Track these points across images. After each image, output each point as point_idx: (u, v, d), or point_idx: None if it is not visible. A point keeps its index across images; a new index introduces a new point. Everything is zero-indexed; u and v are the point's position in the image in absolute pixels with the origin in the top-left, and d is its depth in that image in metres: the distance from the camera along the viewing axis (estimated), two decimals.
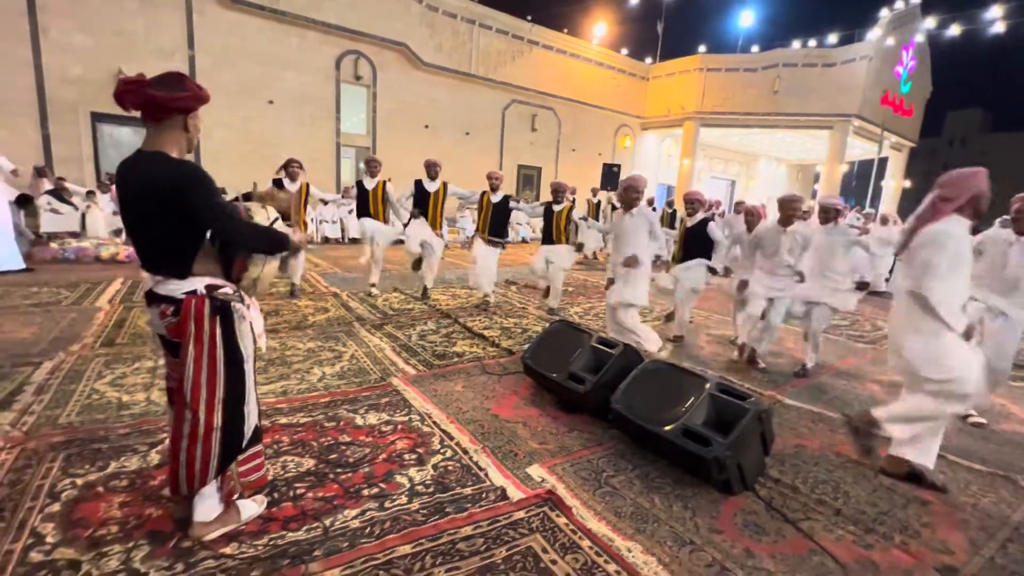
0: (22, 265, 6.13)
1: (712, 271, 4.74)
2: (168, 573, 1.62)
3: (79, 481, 2.07)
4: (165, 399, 2.82)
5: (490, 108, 15.77)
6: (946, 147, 54.34)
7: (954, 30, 15.65)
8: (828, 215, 4.10)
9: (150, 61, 9.91)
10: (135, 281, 6.00)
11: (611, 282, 4.25)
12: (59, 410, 2.67)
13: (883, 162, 19.03)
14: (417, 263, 5.98)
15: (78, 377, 3.11)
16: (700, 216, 4.75)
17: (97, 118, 10.00)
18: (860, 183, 23.64)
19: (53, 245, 7.27)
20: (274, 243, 1.80)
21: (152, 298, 1.71)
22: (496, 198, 5.59)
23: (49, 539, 1.73)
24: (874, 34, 16.27)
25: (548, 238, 5.73)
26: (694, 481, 2.38)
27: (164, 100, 1.62)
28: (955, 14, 15.97)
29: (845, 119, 16.43)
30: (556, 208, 5.64)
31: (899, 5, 16.84)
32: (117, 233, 8.47)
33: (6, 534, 1.73)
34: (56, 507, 1.90)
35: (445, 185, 5.65)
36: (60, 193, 8.44)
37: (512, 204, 5.79)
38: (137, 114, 1.64)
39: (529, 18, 16.14)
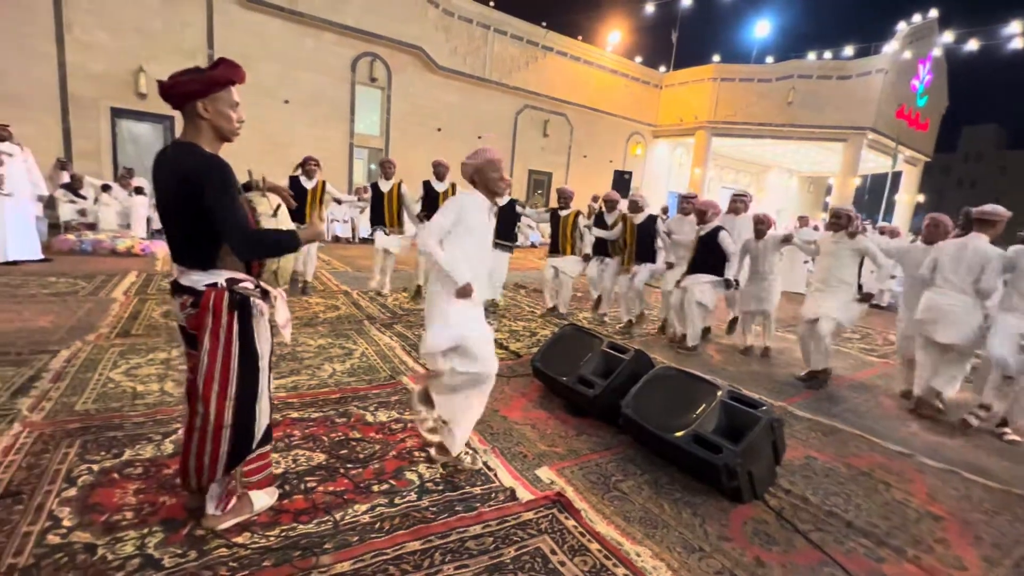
0: (40, 256, 6.24)
1: (727, 284, 4.53)
2: (181, 560, 1.64)
3: (95, 467, 2.09)
4: (179, 390, 2.88)
5: (503, 113, 15.84)
6: (961, 162, 53.83)
7: (972, 45, 15.54)
8: (839, 222, 4.07)
9: (171, 59, 10.05)
10: (149, 274, 6.08)
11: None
12: (75, 397, 2.71)
13: (897, 176, 18.89)
14: (417, 292, 5.89)
15: (94, 366, 3.16)
16: (712, 226, 4.64)
17: (116, 113, 10.16)
18: (873, 197, 23.49)
19: (70, 237, 7.39)
20: (278, 251, 1.71)
21: (176, 288, 1.71)
22: (502, 202, 5.63)
23: (66, 523, 1.76)
24: (891, 47, 16.20)
25: (555, 246, 5.76)
26: (703, 488, 2.37)
27: (168, 87, 1.59)
28: (973, 29, 15.92)
29: (859, 132, 16.34)
30: (562, 214, 5.69)
31: (916, 19, 16.77)
32: (127, 227, 8.61)
33: (24, 516, 1.76)
34: (73, 492, 1.93)
35: (453, 186, 5.69)
36: (74, 186, 8.60)
37: (519, 209, 5.84)
38: (156, 110, 1.65)
39: (544, 24, 16.23)
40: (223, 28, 10.87)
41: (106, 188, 8.90)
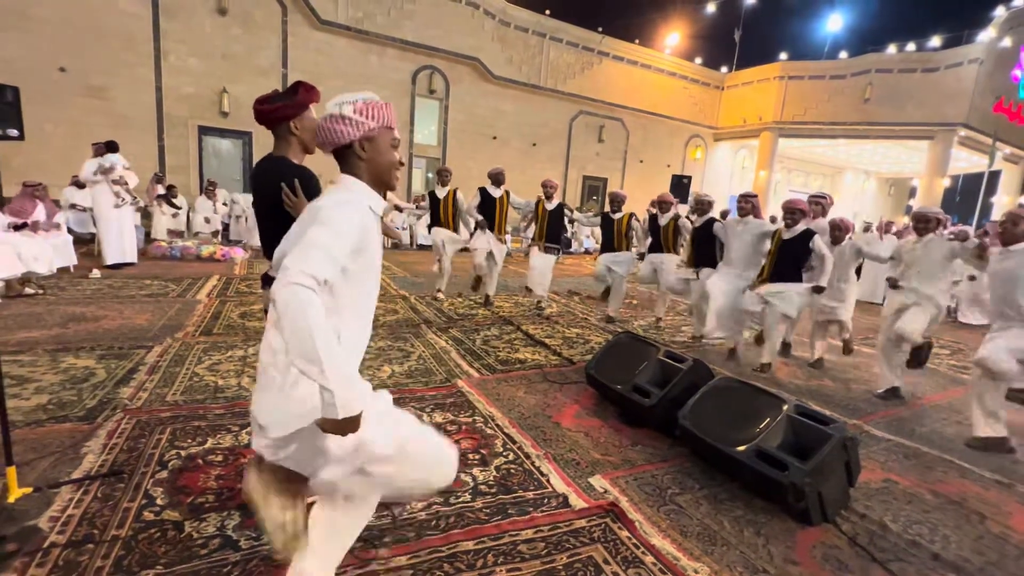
0: (135, 259, 6.95)
1: (818, 290, 4.07)
2: (256, 543, 1.76)
3: (183, 453, 2.30)
4: (255, 386, 3.10)
5: (557, 119, 15.86)
6: None
7: None
8: (929, 226, 3.78)
9: (250, 79, 10.94)
10: (228, 278, 6.59)
11: None
12: (167, 389, 2.99)
13: (994, 176, 17.06)
14: (476, 283, 6.06)
15: (182, 361, 3.47)
16: (801, 227, 4.07)
17: (202, 131, 11.14)
18: (965, 199, 21.33)
19: (163, 243, 8.15)
20: None
21: (265, 280, 1.92)
22: (551, 206, 5.73)
23: (159, 501, 1.94)
24: (986, 35, 14.73)
25: (609, 247, 5.71)
26: (767, 507, 2.25)
27: (265, 112, 1.85)
28: None
29: (948, 128, 14.95)
30: (615, 216, 5.63)
31: (1017, 2, 15.15)
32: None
33: (125, 493, 1.97)
34: (164, 474, 2.13)
35: (507, 193, 5.79)
36: (169, 199, 9.48)
37: (568, 213, 5.87)
38: (237, 127, 1.87)
39: (600, 29, 16.12)
40: (295, 49, 11.66)
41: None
